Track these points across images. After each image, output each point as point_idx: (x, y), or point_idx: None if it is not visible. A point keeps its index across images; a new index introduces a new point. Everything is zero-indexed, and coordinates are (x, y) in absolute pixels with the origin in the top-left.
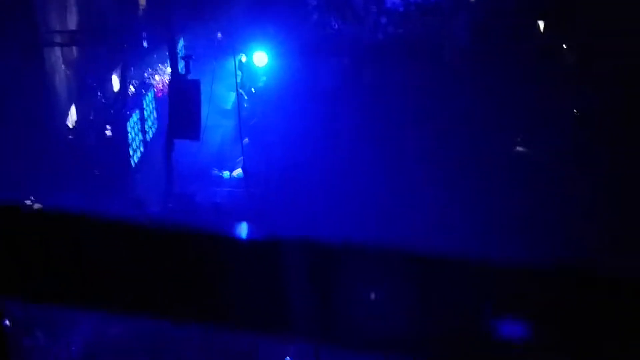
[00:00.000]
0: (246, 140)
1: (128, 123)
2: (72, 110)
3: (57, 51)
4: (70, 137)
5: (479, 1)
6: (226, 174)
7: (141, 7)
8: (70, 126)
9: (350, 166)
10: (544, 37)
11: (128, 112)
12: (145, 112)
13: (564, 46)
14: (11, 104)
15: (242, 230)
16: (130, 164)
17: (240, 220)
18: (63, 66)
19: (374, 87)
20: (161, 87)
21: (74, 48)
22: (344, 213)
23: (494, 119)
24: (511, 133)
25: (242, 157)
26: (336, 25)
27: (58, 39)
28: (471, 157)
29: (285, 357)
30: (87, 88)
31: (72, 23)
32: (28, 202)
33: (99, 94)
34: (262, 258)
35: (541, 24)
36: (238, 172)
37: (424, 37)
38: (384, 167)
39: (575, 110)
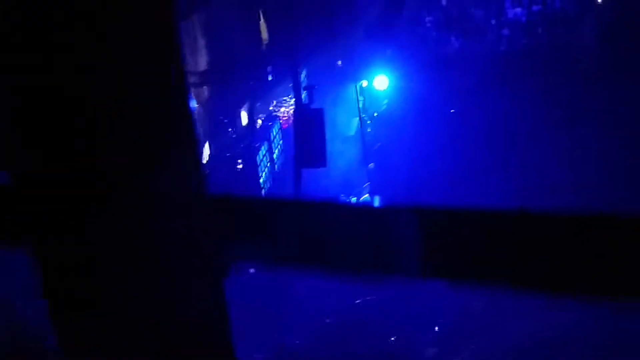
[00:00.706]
0: (371, 165)
1: (257, 156)
2: (206, 147)
3: (190, 91)
4: (205, 172)
5: (605, 4)
6: (353, 199)
7: (264, 42)
8: (205, 162)
9: (480, 186)
10: None
11: (257, 145)
12: (272, 144)
13: None
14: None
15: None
16: (261, 194)
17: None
18: (196, 105)
19: (500, 101)
20: (286, 118)
21: (205, 87)
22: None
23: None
24: None
25: (368, 182)
26: (457, 42)
27: (190, 79)
28: (621, 167)
29: None
30: (219, 124)
31: (202, 64)
32: None
33: (229, 129)
34: None
35: None
36: (365, 197)
37: (550, 46)
38: (516, 187)
39: None
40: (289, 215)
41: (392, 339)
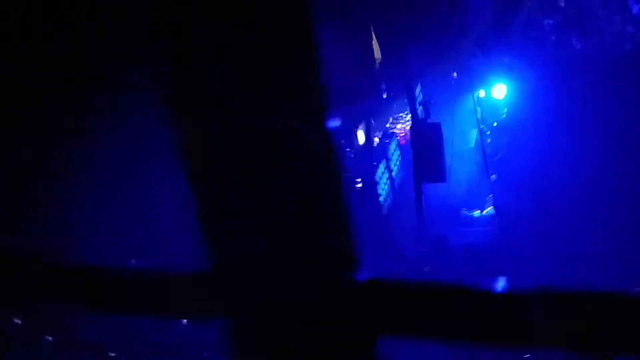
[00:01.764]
0: (494, 176)
1: (376, 174)
2: None
3: None
4: None
5: None
6: (476, 213)
7: (377, 62)
8: None
9: (609, 193)
10: None
11: (375, 163)
12: (391, 161)
13: None
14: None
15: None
16: (382, 212)
17: (493, 260)
18: None
19: (627, 108)
20: (403, 135)
21: None
22: (602, 250)
23: None
24: None
25: (491, 194)
26: (577, 44)
27: None
28: None
29: None
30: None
31: None
32: None
33: (347, 149)
34: None
35: None
36: (488, 210)
37: None
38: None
39: None
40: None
41: None
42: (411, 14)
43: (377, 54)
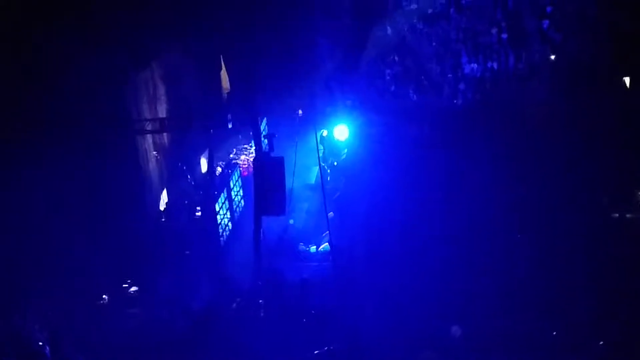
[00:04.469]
0: (331, 214)
1: (216, 203)
2: (164, 194)
3: (149, 138)
4: (163, 219)
5: (560, 61)
6: (313, 248)
7: (225, 91)
8: (162, 209)
9: (434, 232)
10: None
11: (216, 193)
12: (232, 192)
13: None
14: (107, 189)
15: None
16: (220, 242)
17: (326, 295)
18: (154, 152)
19: (454, 153)
20: (246, 166)
21: (164, 135)
22: (431, 281)
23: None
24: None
25: (327, 231)
26: (415, 96)
27: (149, 126)
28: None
29: None
30: (177, 172)
31: (161, 111)
32: (125, 286)
33: (188, 176)
34: None
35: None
36: (324, 246)
37: (504, 101)
38: (472, 237)
39: None
40: None
41: None
42: (262, 48)
43: (226, 83)
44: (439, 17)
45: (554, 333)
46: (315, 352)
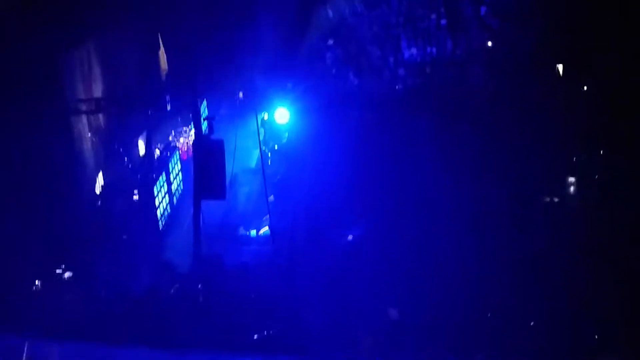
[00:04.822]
0: (271, 197)
1: (155, 187)
2: (100, 177)
3: (84, 119)
4: (99, 203)
5: (496, 49)
6: (253, 232)
7: (163, 72)
8: (98, 192)
9: (373, 216)
10: (563, 82)
11: (154, 176)
12: (171, 175)
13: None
14: (40, 171)
15: None
16: (158, 227)
17: (266, 279)
18: (89, 134)
19: (394, 138)
20: (186, 149)
21: (100, 116)
22: (369, 266)
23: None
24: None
25: (268, 215)
26: (355, 80)
27: (84, 107)
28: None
29: None
30: (114, 154)
31: (97, 91)
32: (59, 271)
33: (125, 159)
34: None
35: (560, 67)
36: (265, 230)
37: (442, 86)
38: (409, 221)
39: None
40: None
41: None
42: (202, 29)
43: (164, 64)
44: (379, 1)
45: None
46: (255, 336)
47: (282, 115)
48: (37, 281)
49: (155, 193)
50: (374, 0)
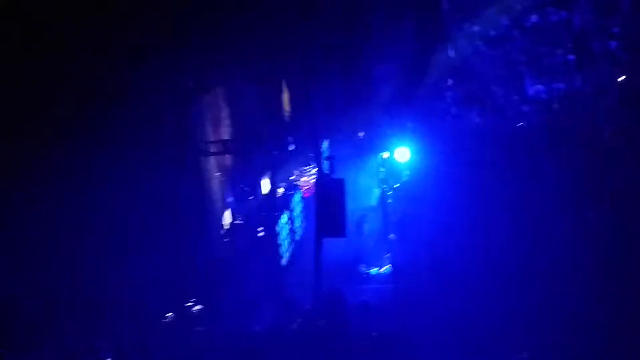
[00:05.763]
0: (392, 235)
1: (278, 224)
2: (227, 214)
3: (212, 159)
4: (225, 239)
5: (628, 84)
6: (374, 270)
7: (287, 114)
8: (225, 229)
9: (501, 257)
10: None
11: (277, 214)
12: (293, 213)
13: None
14: (173, 209)
15: None
16: (281, 263)
17: (388, 318)
18: (217, 173)
19: (519, 176)
20: (308, 187)
21: (228, 156)
22: (494, 307)
23: None
24: None
25: (389, 253)
26: (477, 118)
27: (212, 148)
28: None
29: None
30: (240, 192)
31: (225, 133)
32: (189, 304)
33: (250, 197)
34: None
35: None
36: (386, 268)
37: (571, 123)
38: (540, 261)
39: None
40: None
41: None
42: (324, 72)
43: (287, 106)
44: (502, 39)
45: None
46: None
47: (402, 154)
48: (168, 314)
49: (278, 230)
50: (497, 38)
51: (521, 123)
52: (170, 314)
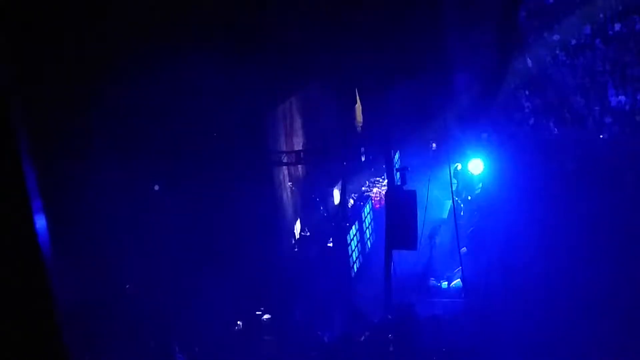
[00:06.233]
0: (464, 249)
1: (348, 235)
2: (297, 224)
3: (284, 170)
4: (296, 249)
5: None
6: (444, 284)
7: (359, 125)
8: (296, 238)
9: (580, 275)
10: None
11: (348, 224)
12: (363, 224)
13: None
14: (247, 218)
15: None
16: (351, 274)
17: (458, 333)
18: (289, 183)
19: (602, 192)
20: (378, 199)
21: (299, 166)
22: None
23: None
24: None
25: (460, 267)
26: (555, 129)
27: (285, 158)
28: None
29: None
30: (311, 202)
31: (298, 144)
32: (258, 313)
33: (321, 207)
34: None
35: None
36: (456, 282)
37: None
38: (618, 276)
39: None
40: None
41: None
42: (396, 82)
43: (359, 117)
44: (583, 48)
45: None
46: None
47: (476, 165)
48: (239, 322)
49: (348, 241)
50: (578, 47)
51: (603, 135)
52: (240, 322)
